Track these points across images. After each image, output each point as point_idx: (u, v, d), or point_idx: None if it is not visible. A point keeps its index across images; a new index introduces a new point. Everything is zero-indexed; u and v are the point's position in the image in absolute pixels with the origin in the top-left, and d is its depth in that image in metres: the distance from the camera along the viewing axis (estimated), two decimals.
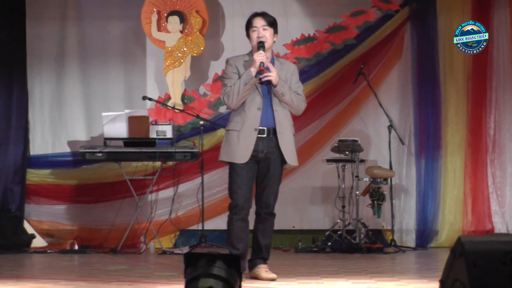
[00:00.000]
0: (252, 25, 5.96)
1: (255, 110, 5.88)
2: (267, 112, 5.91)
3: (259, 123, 5.89)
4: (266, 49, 5.90)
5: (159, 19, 9.34)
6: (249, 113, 5.89)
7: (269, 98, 5.92)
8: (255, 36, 5.92)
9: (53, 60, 9.42)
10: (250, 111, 5.89)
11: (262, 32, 5.90)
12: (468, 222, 9.10)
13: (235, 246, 5.92)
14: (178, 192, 8.99)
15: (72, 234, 9.03)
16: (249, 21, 6.02)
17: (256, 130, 5.88)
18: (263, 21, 5.94)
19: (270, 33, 5.95)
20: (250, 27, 5.97)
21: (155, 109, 9.30)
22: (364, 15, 9.47)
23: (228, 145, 5.97)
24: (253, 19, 5.97)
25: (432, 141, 9.21)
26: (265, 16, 5.98)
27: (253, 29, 5.94)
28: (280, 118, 5.93)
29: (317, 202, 9.34)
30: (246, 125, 5.88)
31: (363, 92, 9.30)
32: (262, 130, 5.90)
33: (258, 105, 5.89)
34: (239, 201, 5.90)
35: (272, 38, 5.97)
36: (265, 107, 5.91)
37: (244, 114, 5.90)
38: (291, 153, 5.99)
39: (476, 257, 3.62)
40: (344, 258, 7.87)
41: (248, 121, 5.88)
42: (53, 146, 9.39)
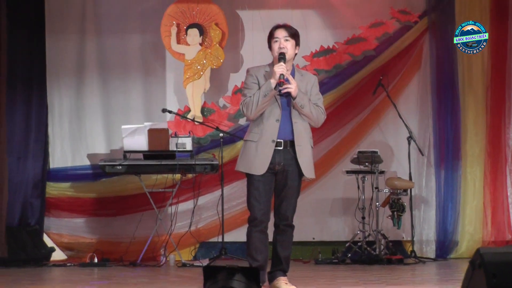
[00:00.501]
0: (274, 36, 5.95)
1: (274, 122, 5.88)
2: (286, 124, 5.90)
3: (277, 135, 5.88)
4: (287, 60, 5.88)
5: (179, 31, 9.39)
6: (267, 125, 5.88)
7: (288, 110, 5.91)
8: (276, 47, 5.91)
9: (73, 73, 9.48)
10: (268, 122, 5.88)
11: (283, 43, 5.89)
12: (488, 232, 9.07)
13: (255, 257, 5.89)
14: (198, 205, 8.99)
15: (92, 247, 9.06)
16: (271, 32, 6.01)
17: (273, 142, 5.86)
18: (285, 32, 5.93)
19: (292, 44, 5.94)
20: (272, 38, 5.97)
21: (175, 121, 9.33)
22: (383, 27, 9.49)
23: (246, 155, 5.97)
24: (275, 30, 5.97)
25: (451, 152, 9.19)
26: (287, 28, 5.98)
27: (275, 39, 5.93)
28: (299, 131, 5.92)
29: (337, 214, 9.32)
30: (264, 136, 5.87)
31: (382, 103, 9.31)
32: (280, 142, 5.88)
33: (277, 116, 5.88)
34: (257, 214, 5.89)
35: (293, 49, 5.96)
36: (284, 119, 5.90)
37: (262, 125, 5.89)
38: (308, 166, 5.96)
39: (495, 269, 3.61)
40: (364, 270, 7.85)
41: (266, 133, 5.87)
42: (73, 159, 9.43)
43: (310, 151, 6.01)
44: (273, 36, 5.96)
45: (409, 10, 9.47)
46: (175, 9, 9.41)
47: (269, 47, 6.03)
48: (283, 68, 5.80)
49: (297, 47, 6.02)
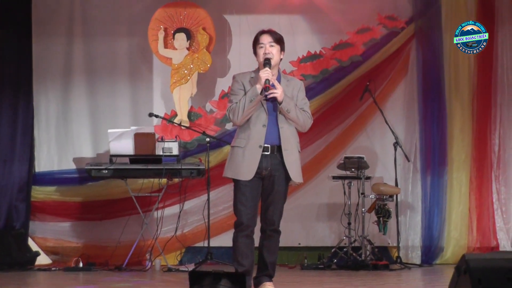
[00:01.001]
0: (259, 42, 5.95)
1: (260, 127, 5.87)
2: (272, 129, 5.89)
3: (264, 140, 5.87)
4: (272, 66, 5.89)
5: (166, 36, 9.38)
6: (254, 130, 5.87)
7: (274, 115, 5.91)
8: (261, 52, 5.90)
9: (59, 76, 9.45)
10: (255, 128, 5.87)
11: (269, 49, 5.89)
12: (473, 238, 9.10)
13: (241, 262, 5.86)
14: (184, 209, 8.97)
15: (77, 251, 9.03)
16: (256, 38, 6.01)
17: (260, 147, 5.85)
18: (270, 38, 5.93)
19: (277, 50, 5.93)
20: (257, 44, 5.96)
21: (162, 126, 9.32)
22: (370, 32, 9.51)
23: (233, 161, 5.96)
24: (260, 36, 5.97)
25: (437, 158, 9.23)
26: (272, 33, 5.97)
27: (260, 45, 5.93)
28: (286, 135, 5.91)
29: (323, 219, 9.33)
30: (251, 142, 5.87)
31: (369, 109, 9.33)
32: (267, 147, 5.87)
33: (263, 122, 5.88)
34: (243, 219, 5.87)
35: (279, 55, 5.96)
36: (270, 124, 5.89)
37: (249, 131, 5.89)
38: (295, 170, 5.95)
39: (481, 275, 3.63)
40: (350, 275, 7.85)
41: (253, 138, 5.87)
42: (59, 163, 9.39)
43: (298, 155, 6.01)
44: (258, 41, 5.95)
45: (396, 16, 9.49)
46: (163, 13, 9.41)
47: (254, 53, 6.03)
48: (268, 73, 5.80)
49: (282, 52, 6.01)
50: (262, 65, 5.89)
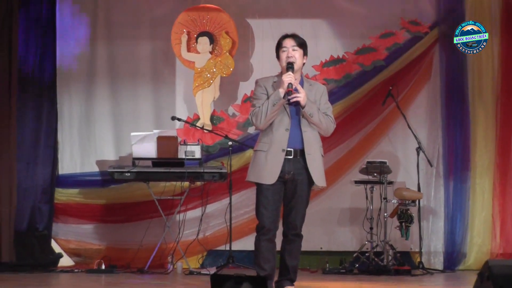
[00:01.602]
0: (282, 46, 5.97)
1: (283, 131, 5.88)
2: (295, 133, 5.90)
3: (287, 144, 5.88)
4: (295, 70, 5.90)
5: (189, 39, 9.40)
6: (277, 134, 5.88)
7: (297, 119, 5.91)
8: (284, 56, 5.93)
9: (83, 79, 9.51)
10: (278, 132, 5.88)
11: (291, 53, 5.91)
12: (497, 244, 9.05)
13: (262, 267, 5.87)
14: (206, 213, 8.99)
15: (99, 253, 9.08)
16: (279, 42, 6.03)
17: (283, 151, 5.86)
18: (293, 42, 5.95)
19: (300, 54, 5.96)
20: (280, 48, 5.99)
21: (184, 129, 9.34)
22: (393, 37, 9.48)
23: (256, 165, 5.96)
24: (283, 40, 5.99)
25: (460, 163, 9.18)
26: (295, 37, 5.99)
27: (283, 49, 5.96)
28: (309, 139, 5.92)
29: (345, 224, 9.31)
30: (273, 146, 5.87)
31: (392, 114, 9.30)
32: (289, 151, 5.88)
33: (286, 126, 5.89)
34: (265, 223, 5.88)
35: (301, 59, 5.98)
36: (293, 128, 5.90)
37: (272, 135, 5.90)
38: (319, 174, 5.96)
39: (504, 281, 3.60)
40: (371, 280, 7.83)
41: (276, 142, 5.87)
42: (82, 166, 9.45)
43: (321, 159, 6.01)
44: (281, 45, 5.98)
45: (420, 21, 9.46)
46: (186, 17, 9.43)
47: (277, 57, 6.06)
48: (291, 77, 5.81)
49: (305, 57, 6.03)
50: (285, 69, 5.90)
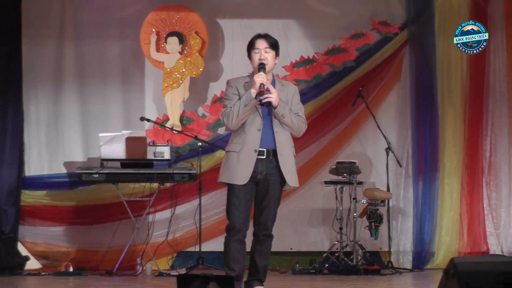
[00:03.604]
0: (254, 47, 5.91)
1: (255, 131, 5.84)
2: (267, 133, 5.86)
3: (259, 145, 5.84)
4: (267, 71, 5.85)
5: (158, 39, 9.36)
6: (249, 134, 5.84)
7: (269, 119, 5.87)
8: (256, 57, 5.87)
9: (50, 79, 9.41)
10: (250, 132, 5.84)
11: (264, 54, 5.86)
12: (464, 243, 9.13)
13: (232, 267, 5.80)
14: (175, 214, 8.95)
15: (67, 256, 8.99)
16: (251, 42, 5.97)
17: (256, 152, 5.82)
18: (265, 44, 5.89)
19: (272, 55, 5.90)
20: (252, 49, 5.93)
21: (153, 130, 9.29)
22: (364, 38, 9.51)
23: (228, 166, 5.91)
24: (256, 41, 5.93)
25: (429, 163, 9.24)
26: (268, 38, 5.94)
27: (255, 50, 5.90)
28: (281, 139, 5.88)
29: (315, 224, 9.31)
30: (246, 146, 5.83)
31: (362, 114, 9.32)
32: (262, 151, 5.84)
33: (258, 126, 5.85)
34: (236, 223, 5.83)
35: (273, 60, 5.93)
36: (265, 128, 5.86)
37: (244, 135, 5.86)
38: (292, 174, 5.92)
39: (469, 278, 3.60)
40: (341, 280, 7.84)
41: (248, 143, 5.83)
42: (49, 167, 9.35)
43: (293, 159, 5.97)
44: (254, 46, 5.92)
45: (390, 22, 9.50)
46: (155, 17, 9.39)
47: (249, 57, 5.99)
48: (263, 77, 5.77)
49: (277, 58, 5.98)
50: (256, 70, 5.85)
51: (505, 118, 9.34)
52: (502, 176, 9.31)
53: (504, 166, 9.31)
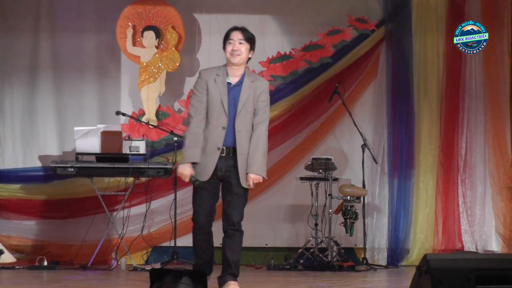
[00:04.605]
0: (229, 38, 5.97)
1: (220, 129, 5.91)
2: (231, 132, 5.93)
3: (222, 143, 5.92)
4: (239, 64, 5.92)
5: (135, 33, 9.32)
6: (213, 132, 5.92)
7: (232, 117, 5.93)
8: (230, 48, 5.93)
9: (25, 72, 9.36)
10: (215, 130, 5.92)
11: (237, 46, 5.91)
12: (439, 241, 9.17)
13: (200, 255, 6.05)
14: (150, 209, 8.91)
15: (42, 250, 8.92)
16: (227, 33, 6.01)
17: (219, 149, 5.91)
18: (240, 35, 5.95)
19: (246, 48, 5.95)
20: (227, 39, 5.98)
21: (129, 124, 9.26)
22: (341, 34, 9.51)
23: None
24: (231, 32, 5.99)
25: (405, 161, 9.27)
26: (244, 31, 5.99)
27: (229, 41, 5.95)
28: (241, 140, 5.94)
29: (290, 220, 9.32)
30: (210, 144, 5.92)
31: (338, 111, 9.34)
32: (223, 149, 5.93)
33: (223, 124, 5.91)
34: (200, 219, 5.99)
35: (247, 53, 5.97)
36: (230, 127, 5.93)
37: (209, 133, 5.94)
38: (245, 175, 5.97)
39: (442, 275, 3.62)
40: (315, 276, 7.85)
41: (212, 140, 5.92)
42: (24, 161, 9.30)
43: None
44: (229, 37, 5.97)
45: (367, 19, 9.51)
46: (131, 11, 9.34)
47: (224, 48, 6.03)
48: (186, 177, 5.93)
49: (251, 52, 6.02)
50: (229, 61, 5.92)
51: (481, 116, 9.39)
52: (477, 174, 9.36)
53: (479, 164, 9.36)
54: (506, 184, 9.23)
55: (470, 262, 3.63)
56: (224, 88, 5.90)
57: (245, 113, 5.93)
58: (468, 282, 3.54)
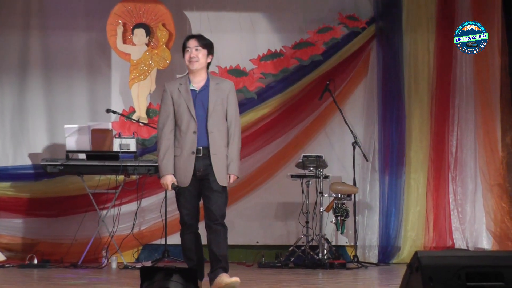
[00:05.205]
0: (186, 46, 6.23)
1: (191, 134, 6.12)
2: (202, 134, 6.15)
3: (196, 146, 6.13)
4: (199, 69, 6.18)
5: (125, 31, 9.29)
6: (186, 138, 6.13)
7: (204, 121, 6.14)
8: (187, 56, 6.20)
9: (15, 70, 9.33)
10: (187, 136, 6.13)
11: (194, 53, 6.17)
12: (430, 238, 9.18)
13: (189, 256, 6.20)
14: (141, 207, 8.90)
15: (32, 248, 8.90)
16: (184, 43, 6.28)
17: (193, 153, 6.13)
18: (196, 42, 6.21)
19: (203, 53, 6.21)
20: (184, 48, 6.24)
21: (119, 122, 9.23)
22: (331, 32, 9.51)
23: None
24: (187, 41, 6.26)
25: (396, 158, 9.27)
26: (199, 38, 6.26)
27: (187, 49, 6.21)
28: (214, 140, 6.15)
29: (281, 218, 9.32)
30: (184, 150, 6.13)
31: (329, 109, 9.34)
32: (199, 150, 6.14)
33: (193, 129, 6.12)
34: (185, 219, 6.21)
35: (205, 59, 6.22)
36: (200, 130, 6.14)
37: (181, 139, 6.15)
38: (222, 174, 6.18)
39: (432, 272, 3.62)
40: (306, 274, 7.85)
41: (186, 146, 6.13)
42: (14, 158, 9.28)
43: (225, 159, 6.23)
44: (185, 46, 6.25)
45: (357, 16, 9.51)
46: (122, 8, 9.32)
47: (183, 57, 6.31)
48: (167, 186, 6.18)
49: (209, 56, 6.28)
50: (189, 68, 6.21)
51: (471, 113, 9.39)
52: (468, 171, 9.36)
53: (470, 161, 9.37)
54: (496, 181, 9.24)
55: (461, 259, 3.64)
56: (188, 95, 6.15)
57: (216, 115, 6.17)
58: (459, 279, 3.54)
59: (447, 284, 3.53)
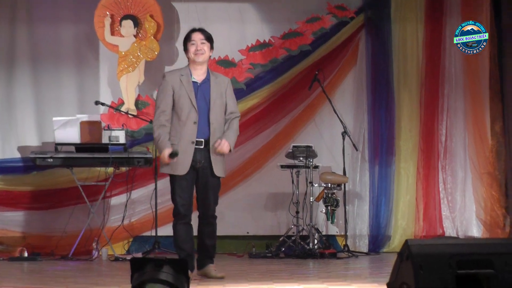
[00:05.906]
0: (191, 39, 6.36)
1: (191, 125, 6.25)
2: (203, 125, 6.29)
3: (196, 136, 6.25)
4: (202, 63, 6.32)
5: (113, 23, 9.25)
6: (185, 128, 6.25)
7: (206, 112, 6.27)
8: (193, 49, 6.33)
9: (2, 63, 9.26)
10: (186, 126, 6.25)
11: (200, 46, 6.33)
12: (420, 227, 9.19)
13: (181, 247, 6.30)
14: (131, 198, 8.91)
15: (22, 241, 8.88)
16: (188, 35, 6.41)
17: (193, 143, 6.23)
18: (201, 36, 6.37)
19: (207, 47, 6.41)
20: (189, 41, 6.36)
21: (108, 114, 9.20)
22: (320, 22, 9.49)
23: None
24: (192, 34, 6.40)
25: (385, 147, 9.28)
26: (203, 32, 6.42)
27: (192, 42, 6.35)
28: (215, 132, 6.31)
29: (271, 208, 9.32)
30: (183, 139, 6.25)
31: (318, 99, 9.33)
32: (200, 141, 6.27)
33: (194, 119, 6.25)
34: (180, 210, 6.30)
35: (209, 52, 6.41)
36: (201, 120, 6.27)
37: (180, 128, 6.26)
38: (219, 165, 6.33)
39: (423, 260, 3.64)
40: (297, 264, 7.86)
41: (186, 136, 6.24)
42: (3, 151, 9.21)
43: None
44: (190, 39, 6.38)
45: (346, 6, 9.49)
46: (109, 0, 9.27)
47: (185, 50, 6.45)
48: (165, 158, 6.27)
49: (211, 50, 6.47)
50: (193, 61, 6.32)
51: (461, 102, 9.40)
52: (458, 160, 9.36)
53: (459, 150, 9.37)
54: (486, 169, 9.26)
55: (451, 247, 3.66)
56: (190, 86, 6.28)
57: (217, 108, 6.32)
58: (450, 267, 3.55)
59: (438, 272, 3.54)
